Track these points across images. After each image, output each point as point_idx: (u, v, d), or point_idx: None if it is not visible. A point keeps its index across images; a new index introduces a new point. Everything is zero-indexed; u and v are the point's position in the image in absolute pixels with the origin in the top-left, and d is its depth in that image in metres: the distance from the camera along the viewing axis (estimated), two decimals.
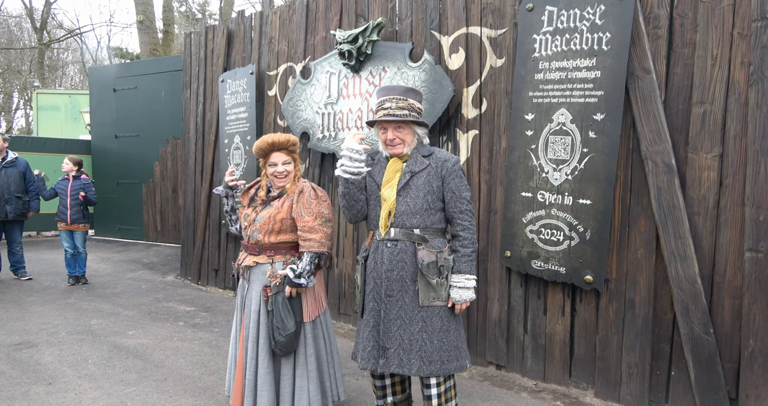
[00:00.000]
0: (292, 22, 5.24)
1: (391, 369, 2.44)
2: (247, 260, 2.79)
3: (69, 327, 4.67)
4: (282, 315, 2.62)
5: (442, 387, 2.51)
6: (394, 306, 2.46)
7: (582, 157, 3.24)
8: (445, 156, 2.51)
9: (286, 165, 2.76)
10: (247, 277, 2.79)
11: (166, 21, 15.56)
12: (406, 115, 2.43)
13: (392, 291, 2.46)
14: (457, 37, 3.93)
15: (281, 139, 2.72)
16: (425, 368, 2.40)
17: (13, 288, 6.10)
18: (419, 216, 2.45)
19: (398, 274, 2.45)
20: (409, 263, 2.45)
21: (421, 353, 2.41)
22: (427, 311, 2.44)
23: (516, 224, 3.56)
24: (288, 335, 2.60)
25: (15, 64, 25.39)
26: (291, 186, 2.78)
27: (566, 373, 3.46)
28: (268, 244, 2.73)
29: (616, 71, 3.10)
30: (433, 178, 2.46)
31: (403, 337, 2.43)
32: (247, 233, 2.80)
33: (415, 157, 2.50)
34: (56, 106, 14.34)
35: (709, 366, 2.89)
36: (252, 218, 2.77)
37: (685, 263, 2.94)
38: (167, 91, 9.34)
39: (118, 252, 8.88)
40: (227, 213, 2.96)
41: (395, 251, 2.46)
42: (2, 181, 6.14)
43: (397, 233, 2.46)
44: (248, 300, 2.78)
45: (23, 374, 3.59)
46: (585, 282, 3.26)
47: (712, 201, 2.90)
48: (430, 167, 2.47)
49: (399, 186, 2.46)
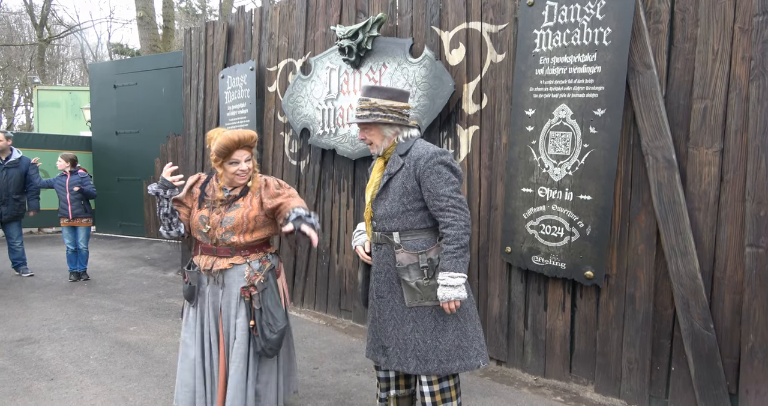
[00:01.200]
0: (292, 18, 5.23)
1: (393, 366, 2.45)
2: (221, 263, 2.59)
3: (70, 323, 4.68)
4: (272, 311, 2.54)
5: (435, 386, 2.47)
6: (386, 307, 2.47)
7: (582, 153, 3.24)
8: (419, 152, 2.37)
9: (248, 162, 2.59)
10: (221, 281, 2.60)
11: (167, 17, 15.54)
12: (366, 115, 2.40)
13: (382, 292, 2.47)
14: (458, 32, 3.92)
15: (246, 135, 2.54)
16: (422, 367, 2.40)
17: (14, 284, 6.12)
18: (397, 219, 2.42)
19: (385, 276, 2.47)
20: (392, 265, 2.44)
21: (416, 352, 2.40)
22: (417, 312, 2.41)
23: (516, 219, 3.56)
24: (280, 330, 2.54)
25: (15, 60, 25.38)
26: (255, 182, 2.64)
27: (566, 368, 3.47)
28: (244, 243, 2.59)
29: (616, 66, 3.09)
30: (408, 179, 2.38)
31: (398, 337, 2.43)
32: (213, 236, 2.58)
33: (393, 157, 2.46)
34: (57, 102, 14.34)
35: (709, 361, 2.90)
36: (217, 220, 2.57)
37: (686, 258, 2.94)
38: (168, 88, 9.34)
39: (119, 248, 8.90)
40: (167, 216, 2.62)
41: (380, 254, 2.48)
42: (2, 182, 6.12)
43: (379, 236, 2.48)
44: (225, 306, 2.59)
45: (25, 370, 3.60)
46: (585, 278, 3.26)
47: (712, 197, 2.90)
48: (405, 167, 2.40)
49: (378, 189, 2.47)
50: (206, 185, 2.69)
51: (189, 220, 2.68)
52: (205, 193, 2.66)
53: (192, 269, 2.66)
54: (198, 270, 2.64)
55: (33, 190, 6.45)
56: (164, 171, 2.59)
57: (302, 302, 5.28)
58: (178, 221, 2.64)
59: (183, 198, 2.68)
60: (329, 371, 3.71)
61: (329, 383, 3.50)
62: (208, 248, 2.63)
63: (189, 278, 2.65)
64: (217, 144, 2.50)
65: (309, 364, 3.84)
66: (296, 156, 5.24)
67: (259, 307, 2.54)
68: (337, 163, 4.84)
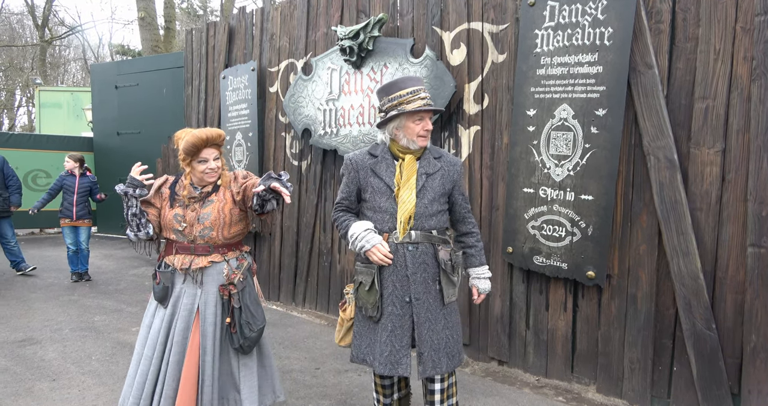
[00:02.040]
0: (293, 19, 5.23)
1: (427, 373, 2.40)
2: (199, 261, 2.55)
3: (72, 324, 4.69)
4: (251, 309, 2.53)
5: (446, 382, 2.52)
6: (422, 308, 2.42)
7: (584, 153, 3.24)
8: (453, 159, 2.55)
9: (216, 161, 2.56)
10: (200, 280, 2.56)
11: (168, 17, 15.54)
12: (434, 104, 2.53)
13: (419, 294, 2.42)
14: (459, 32, 3.92)
15: (213, 133, 2.51)
16: (450, 364, 2.44)
17: (16, 285, 6.13)
18: (435, 218, 2.45)
19: (421, 276, 2.42)
20: (431, 264, 2.44)
21: (447, 349, 2.43)
22: (447, 309, 2.47)
23: (518, 219, 3.55)
24: (260, 329, 2.52)
25: (17, 61, 25.42)
26: (224, 178, 2.62)
27: (568, 368, 3.46)
28: (222, 240, 2.57)
29: (618, 66, 3.09)
30: (447, 181, 2.48)
31: (432, 338, 2.42)
32: (191, 233, 2.55)
33: (427, 158, 2.48)
34: (58, 103, 14.37)
35: (711, 362, 2.89)
36: (193, 217, 2.54)
37: (688, 258, 2.93)
38: (169, 88, 9.34)
39: (120, 249, 8.90)
40: (135, 216, 2.55)
41: (417, 254, 2.42)
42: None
43: (418, 235, 2.42)
44: (202, 304, 2.54)
45: (27, 371, 3.61)
46: (587, 278, 3.26)
47: (714, 196, 2.89)
48: (443, 170, 2.48)
49: (417, 188, 2.42)
50: (175, 185, 2.66)
51: (159, 220, 2.63)
52: (176, 192, 2.62)
53: (165, 268, 2.61)
54: (172, 270, 2.59)
55: (14, 185, 6.41)
56: (133, 170, 2.56)
57: (303, 302, 5.28)
58: (147, 222, 2.58)
59: (151, 199, 2.63)
60: (330, 372, 3.71)
61: (331, 384, 3.50)
62: (184, 247, 2.58)
63: (161, 278, 2.59)
64: (185, 143, 2.49)
65: (310, 364, 3.84)
66: (297, 156, 5.24)
67: (239, 305, 2.52)
68: (339, 164, 4.84)
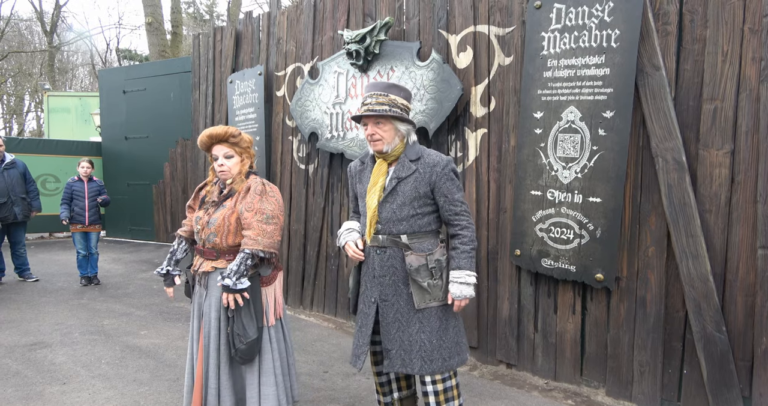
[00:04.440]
0: (299, 23, 5.26)
1: (395, 369, 2.45)
2: (205, 265, 2.62)
3: (82, 327, 4.72)
4: (243, 322, 2.48)
5: (439, 386, 2.49)
6: (390, 310, 2.47)
7: (591, 155, 3.23)
8: (434, 160, 2.44)
9: (227, 158, 2.60)
10: (205, 283, 2.63)
11: (175, 23, 15.64)
12: (385, 110, 2.39)
13: (387, 296, 2.47)
14: (465, 35, 3.92)
15: (219, 131, 2.58)
16: (426, 367, 2.41)
17: (26, 289, 6.17)
18: (405, 222, 2.44)
19: (390, 279, 2.46)
20: (399, 268, 2.45)
21: (421, 352, 2.41)
22: (423, 313, 2.44)
23: (525, 222, 3.55)
24: (249, 343, 2.48)
25: (26, 67, 25.66)
26: (239, 184, 2.63)
27: (577, 372, 3.45)
28: (227, 247, 2.58)
29: (625, 68, 3.08)
30: (421, 184, 2.42)
31: (403, 338, 2.44)
32: (201, 237, 2.63)
33: (402, 161, 2.46)
34: (67, 108, 14.47)
35: (721, 364, 2.87)
36: (205, 221, 2.61)
37: (697, 260, 2.92)
38: (176, 93, 9.41)
39: (129, 253, 8.95)
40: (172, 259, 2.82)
41: (385, 258, 2.47)
42: (6, 182, 6.16)
43: (384, 239, 2.46)
44: (207, 307, 2.61)
45: (38, 374, 3.64)
46: (595, 280, 3.25)
47: (723, 198, 2.88)
48: (418, 173, 2.43)
49: (385, 192, 2.45)
50: (204, 188, 2.79)
51: None
52: (205, 195, 2.74)
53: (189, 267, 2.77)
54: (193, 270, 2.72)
55: (33, 191, 6.49)
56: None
57: (311, 305, 5.29)
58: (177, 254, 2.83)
59: (193, 203, 2.79)
60: (339, 375, 3.71)
61: (339, 387, 3.51)
62: (198, 249, 2.70)
63: (186, 275, 2.76)
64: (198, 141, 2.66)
65: (319, 367, 3.84)
66: (304, 160, 5.26)
67: (231, 315, 2.51)
68: (345, 167, 4.85)
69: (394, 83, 2.51)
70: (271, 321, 2.62)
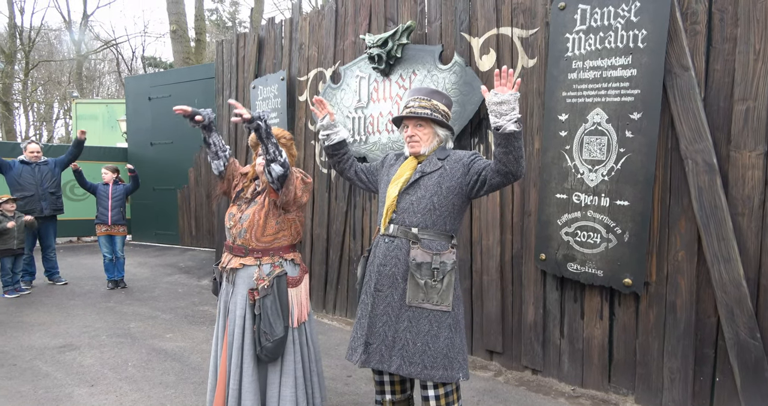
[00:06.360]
0: (321, 28, 5.29)
1: (372, 365, 2.40)
2: (233, 262, 2.63)
3: (109, 330, 4.79)
4: (270, 320, 2.50)
5: (441, 390, 2.44)
6: (381, 302, 2.43)
7: (618, 158, 3.17)
8: (460, 155, 2.47)
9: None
10: (232, 280, 2.63)
11: (198, 30, 15.90)
12: (427, 113, 2.44)
13: (382, 286, 2.43)
14: (488, 38, 3.90)
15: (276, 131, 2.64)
16: (405, 368, 2.36)
17: (56, 292, 6.30)
18: (420, 215, 2.42)
19: (390, 270, 2.42)
20: (402, 260, 2.41)
21: (402, 351, 2.36)
22: (414, 312, 2.38)
23: (551, 226, 3.50)
24: (276, 341, 2.49)
25: (55, 75, 26.31)
26: (261, 177, 2.66)
27: (605, 378, 3.38)
28: (255, 243, 2.59)
29: (653, 69, 3.03)
30: (444, 179, 2.42)
31: (387, 333, 2.39)
32: (233, 233, 2.64)
33: (430, 158, 2.49)
34: (94, 115, 14.77)
35: (756, 372, 2.79)
36: (237, 217, 2.63)
37: (729, 265, 2.84)
38: (200, 99, 9.53)
39: (154, 256, 9.09)
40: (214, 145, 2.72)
41: (391, 247, 2.44)
42: (36, 178, 6.39)
43: (395, 229, 2.45)
44: (233, 305, 2.61)
45: (67, 376, 3.70)
46: (624, 285, 3.18)
47: (757, 201, 2.80)
48: (443, 169, 2.44)
49: (407, 184, 2.45)
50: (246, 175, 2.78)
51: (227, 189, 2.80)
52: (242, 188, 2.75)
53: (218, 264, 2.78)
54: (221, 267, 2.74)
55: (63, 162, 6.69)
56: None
57: (334, 309, 5.30)
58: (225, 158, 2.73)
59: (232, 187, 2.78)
60: (362, 380, 3.70)
61: (362, 392, 3.49)
62: (228, 245, 2.71)
63: (215, 271, 2.76)
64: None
65: (342, 372, 3.84)
66: (327, 164, 5.28)
67: (258, 313, 2.52)
68: None
69: (437, 90, 2.56)
70: (294, 323, 2.62)
